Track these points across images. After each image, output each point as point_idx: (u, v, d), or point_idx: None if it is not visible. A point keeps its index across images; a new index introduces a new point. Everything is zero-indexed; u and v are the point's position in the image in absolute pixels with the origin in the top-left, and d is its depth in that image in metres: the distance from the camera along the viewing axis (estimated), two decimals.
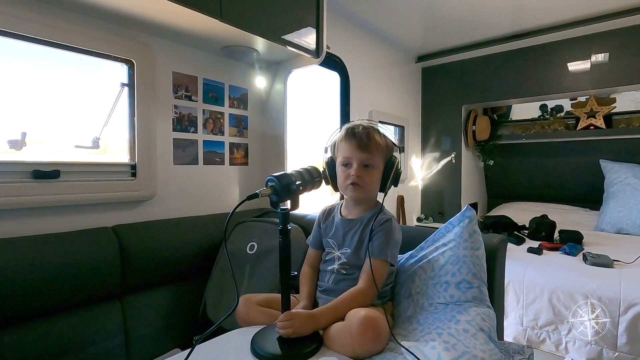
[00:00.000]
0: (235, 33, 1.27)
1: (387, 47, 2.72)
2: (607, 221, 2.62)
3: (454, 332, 0.78)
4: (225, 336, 0.89)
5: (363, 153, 0.93)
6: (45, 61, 1.15)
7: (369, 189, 0.95)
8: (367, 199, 0.99)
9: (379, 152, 0.94)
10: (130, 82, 1.29)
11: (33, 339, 0.96)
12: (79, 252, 1.06)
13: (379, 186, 0.96)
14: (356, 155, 0.93)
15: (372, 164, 0.93)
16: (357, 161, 0.93)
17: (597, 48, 2.45)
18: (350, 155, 0.94)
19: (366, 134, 0.94)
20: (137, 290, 1.21)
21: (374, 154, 0.93)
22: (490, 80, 2.89)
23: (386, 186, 0.95)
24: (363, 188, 0.93)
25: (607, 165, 2.90)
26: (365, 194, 0.96)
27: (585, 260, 1.83)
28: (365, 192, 0.95)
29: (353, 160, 0.93)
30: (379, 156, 0.94)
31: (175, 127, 1.42)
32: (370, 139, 0.93)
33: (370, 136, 0.94)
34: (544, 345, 1.65)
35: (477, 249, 0.94)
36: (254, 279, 1.24)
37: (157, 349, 1.20)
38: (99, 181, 1.20)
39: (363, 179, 0.93)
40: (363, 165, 0.93)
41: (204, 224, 1.41)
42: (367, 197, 0.98)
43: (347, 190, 0.96)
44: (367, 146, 0.92)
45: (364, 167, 0.93)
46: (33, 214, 1.08)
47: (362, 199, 0.98)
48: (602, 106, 2.98)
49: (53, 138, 1.19)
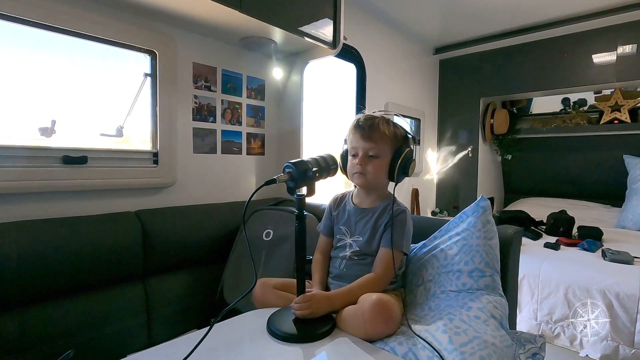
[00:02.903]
0: (254, 24, 1.29)
1: (404, 39, 2.70)
2: (630, 218, 2.55)
3: (465, 318, 0.79)
4: (242, 317, 0.93)
5: (366, 142, 0.94)
6: (72, 52, 1.20)
7: (372, 177, 0.95)
8: (375, 188, 1.00)
9: (383, 142, 0.95)
10: (152, 72, 1.33)
11: (60, 314, 1.02)
12: (105, 235, 1.11)
13: (386, 175, 0.97)
14: (360, 145, 0.95)
15: (376, 154, 0.95)
16: (361, 150, 0.95)
17: (624, 39, 2.37)
18: (356, 145, 0.97)
19: (370, 124, 0.95)
20: (158, 272, 1.26)
21: (378, 143, 0.94)
22: (510, 72, 2.83)
23: (394, 175, 0.95)
24: (365, 177, 0.95)
25: (631, 160, 2.81)
26: (368, 183, 0.97)
27: (604, 256, 1.80)
28: (368, 181, 0.96)
29: (359, 150, 0.96)
30: (383, 146, 0.95)
31: (195, 116, 1.46)
32: (374, 129, 0.94)
33: (374, 126, 0.95)
34: (558, 340, 1.64)
35: (491, 238, 0.94)
36: (269, 264, 1.28)
37: (176, 328, 1.25)
38: (123, 167, 1.25)
39: (365, 167, 0.95)
40: (367, 155, 0.95)
41: (221, 211, 1.45)
42: (372, 185, 0.99)
43: (353, 178, 0.99)
44: (369, 136, 0.94)
45: (368, 157, 0.95)
46: (63, 197, 1.14)
47: (366, 186, 1.00)
48: (627, 99, 2.88)
49: (80, 126, 1.24)
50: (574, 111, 3.18)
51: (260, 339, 0.80)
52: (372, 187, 1.00)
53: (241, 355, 0.75)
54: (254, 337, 0.82)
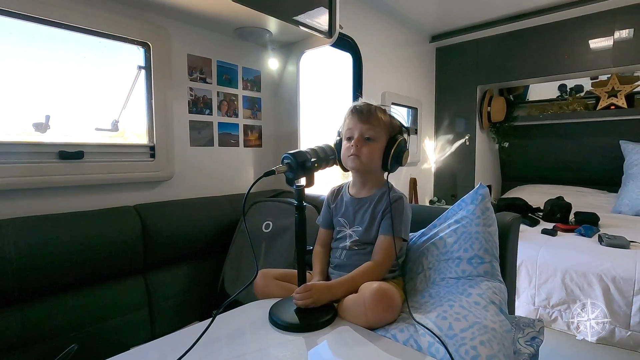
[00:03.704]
0: (248, 13, 1.27)
1: (401, 27, 2.67)
2: (626, 203, 2.57)
3: (465, 304, 0.80)
4: (244, 308, 0.93)
5: (364, 124, 0.95)
6: (65, 46, 1.18)
7: (367, 160, 0.95)
8: (369, 174, 1.00)
9: (380, 126, 0.95)
10: (147, 64, 1.31)
11: (62, 309, 1.02)
12: (104, 230, 1.11)
13: (380, 162, 0.96)
14: (357, 127, 0.95)
15: (372, 137, 0.95)
16: (358, 132, 0.95)
17: (621, 24, 2.35)
18: (352, 127, 0.97)
19: (367, 109, 0.96)
20: (159, 266, 1.27)
21: (375, 125, 0.95)
22: (507, 59, 2.81)
23: (388, 163, 0.95)
24: (360, 159, 0.95)
25: (627, 146, 2.82)
26: (362, 165, 0.96)
27: (601, 241, 1.82)
28: (362, 164, 0.95)
29: (355, 132, 0.96)
30: (380, 130, 0.95)
31: (191, 109, 1.45)
32: (372, 113, 0.95)
33: (372, 110, 0.96)
34: (555, 324, 1.66)
35: (490, 225, 0.95)
36: (269, 256, 1.28)
37: (178, 321, 1.26)
38: (119, 162, 1.24)
39: (361, 150, 0.94)
40: (364, 137, 0.95)
41: (220, 203, 1.45)
42: (366, 169, 0.98)
43: (348, 162, 0.98)
44: (368, 119, 0.95)
45: (364, 140, 0.95)
46: (59, 193, 1.13)
47: (360, 170, 0.99)
48: (624, 85, 2.88)
49: (75, 121, 1.23)
50: (571, 97, 3.18)
51: (263, 329, 0.81)
52: (366, 171, 0.99)
53: (244, 346, 0.75)
54: (255, 327, 0.82)
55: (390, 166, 0.96)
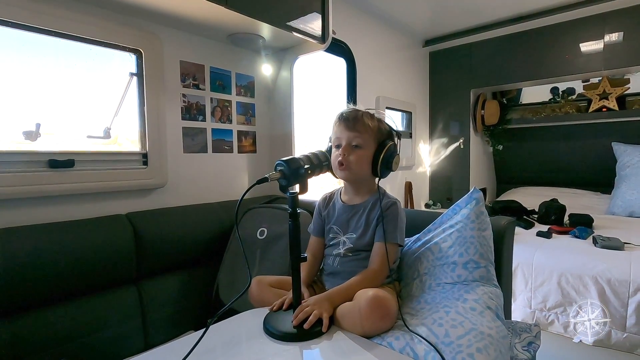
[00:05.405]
0: (241, 20, 1.27)
1: (394, 32, 2.69)
2: (619, 204, 2.59)
3: (461, 311, 0.79)
4: (238, 317, 0.92)
5: (351, 132, 0.94)
6: (56, 53, 1.17)
7: (355, 168, 0.94)
8: (360, 181, 0.99)
9: (367, 133, 0.94)
10: (139, 71, 1.30)
11: (53, 320, 1.00)
12: (96, 239, 1.10)
13: (370, 168, 0.95)
14: (344, 134, 0.95)
15: (360, 144, 0.94)
16: (345, 140, 0.95)
17: (611, 27, 2.38)
18: (340, 136, 0.96)
19: (354, 115, 0.95)
20: (152, 275, 1.25)
21: (362, 132, 0.94)
22: (500, 63, 2.84)
23: (377, 169, 0.94)
24: (348, 167, 0.94)
25: (619, 147, 2.85)
26: (352, 174, 0.95)
27: (595, 243, 1.82)
28: (351, 172, 0.95)
29: (342, 140, 0.95)
30: (367, 137, 0.94)
31: (184, 115, 1.44)
32: (358, 120, 0.94)
33: (358, 117, 0.95)
34: (552, 327, 1.66)
35: (485, 229, 0.95)
36: (264, 263, 1.27)
37: (173, 331, 1.24)
38: (112, 170, 1.23)
39: (348, 158, 0.93)
40: (351, 145, 0.94)
41: (214, 210, 1.44)
42: (356, 177, 0.97)
43: (337, 171, 0.97)
44: (354, 126, 0.94)
45: (351, 147, 0.94)
46: (50, 202, 1.12)
47: (350, 179, 0.98)
48: (615, 87, 2.91)
49: (66, 129, 1.21)
50: (563, 100, 3.21)
51: (258, 338, 0.80)
52: (357, 179, 0.98)
53: (239, 356, 0.74)
54: (251, 337, 0.81)
55: (380, 172, 0.95)
